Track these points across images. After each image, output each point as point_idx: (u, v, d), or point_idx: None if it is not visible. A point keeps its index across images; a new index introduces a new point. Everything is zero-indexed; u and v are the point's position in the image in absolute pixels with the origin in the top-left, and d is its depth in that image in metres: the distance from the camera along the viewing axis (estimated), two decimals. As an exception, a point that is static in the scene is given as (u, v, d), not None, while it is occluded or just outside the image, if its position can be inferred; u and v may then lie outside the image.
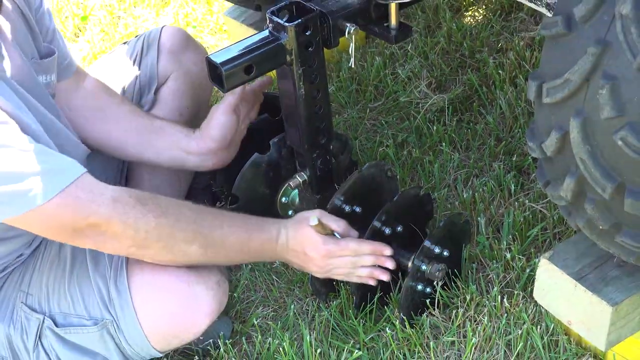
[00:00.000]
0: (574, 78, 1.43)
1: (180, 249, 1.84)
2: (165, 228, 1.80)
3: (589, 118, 1.44)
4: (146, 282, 1.89)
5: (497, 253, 2.08)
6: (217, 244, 1.88)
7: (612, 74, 1.38)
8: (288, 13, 1.88)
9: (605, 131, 1.42)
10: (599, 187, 1.48)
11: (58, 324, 1.89)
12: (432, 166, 2.33)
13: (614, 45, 1.37)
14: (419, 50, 2.67)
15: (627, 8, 1.33)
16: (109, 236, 1.75)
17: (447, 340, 1.93)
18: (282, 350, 1.95)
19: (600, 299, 1.72)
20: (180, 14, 3.14)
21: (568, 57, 1.45)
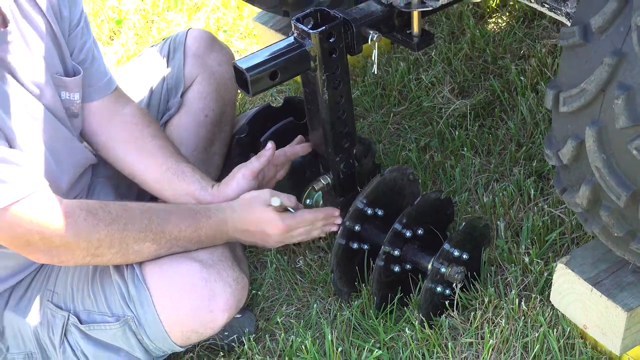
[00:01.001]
0: (590, 88, 1.43)
1: (133, 250, 1.86)
2: (116, 234, 1.82)
3: (604, 127, 1.44)
4: (164, 280, 1.90)
5: (515, 257, 2.08)
6: (169, 237, 1.89)
7: (627, 84, 1.39)
8: (313, 20, 1.88)
9: (621, 140, 1.42)
10: (614, 195, 1.48)
11: (82, 321, 1.91)
12: (453, 170, 2.32)
13: (630, 56, 1.38)
14: (443, 56, 2.67)
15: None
16: (62, 250, 1.77)
17: (465, 342, 1.94)
18: (304, 348, 1.96)
19: (615, 304, 1.71)
20: (211, 18, 3.16)
21: (584, 67, 1.45)
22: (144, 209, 1.91)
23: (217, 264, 1.95)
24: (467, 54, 2.64)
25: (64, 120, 1.97)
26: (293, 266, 2.21)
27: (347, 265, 2.05)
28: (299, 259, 2.23)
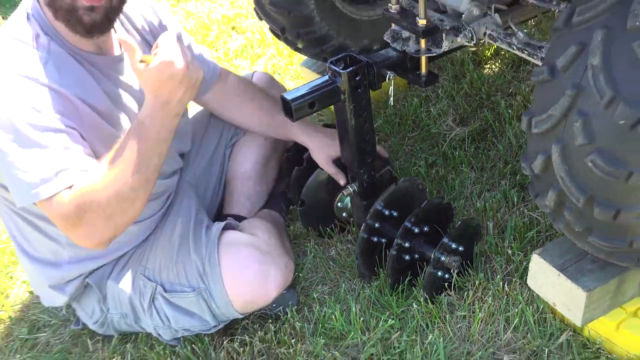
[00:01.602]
0: (556, 113, 1.45)
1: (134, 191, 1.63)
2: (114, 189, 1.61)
3: (566, 145, 1.46)
4: (232, 262, 1.90)
5: (501, 249, 2.07)
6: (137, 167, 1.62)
7: (584, 111, 1.42)
8: (343, 63, 1.90)
9: (579, 155, 1.44)
10: (574, 199, 1.51)
11: (166, 290, 1.92)
12: (454, 182, 2.32)
13: (586, 89, 1.41)
14: (447, 94, 2.66)
15: (597, 60, 1.37)
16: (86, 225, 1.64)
17: (459, 315, 1.94)
18: (334, 318, 1.97)
19: (577, 286, 1.72)
20: (269, 64, 3.19)
21: (551, 97, 1.46)
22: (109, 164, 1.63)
23: (271, 251, 1.98)
24: (466, 92, 2.64)
25: None
26: (327, 255, 2.21)
27: (369, 255, 2.04)
28: (332, 249, 2.22)
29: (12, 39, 1.70)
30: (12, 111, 1.61)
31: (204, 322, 1.95)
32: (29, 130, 1.61)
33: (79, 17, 1.67)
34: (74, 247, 1.87)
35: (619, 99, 1.35)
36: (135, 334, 2.05)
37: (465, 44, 1.96)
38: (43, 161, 1.62)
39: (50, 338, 2.14)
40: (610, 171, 1.42)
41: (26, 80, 1.63)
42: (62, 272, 1.94)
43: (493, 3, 1.95)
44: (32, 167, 1.61)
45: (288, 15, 2.40)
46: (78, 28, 1.69)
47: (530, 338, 1.84)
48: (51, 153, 1.62)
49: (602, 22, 1.38)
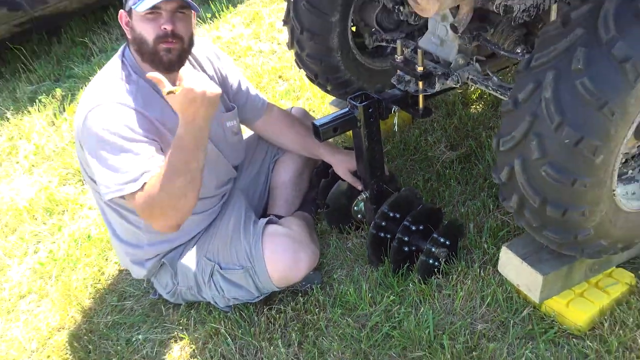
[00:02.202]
0: (517, 135, 1.47)
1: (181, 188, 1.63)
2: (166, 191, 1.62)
3: (525, 159, 1.48)
4: (273, 247, 1.91)
5: (479, 244, 2.07)
6: (186, 165, 1.63)
7: (539, 132, 1.43)
8: (360, 99, 1.94)
9: (535, 167, 1.47)
10: (532, 200, 1.52)
11: (222, 268, 1.94)
12: (444, 193, 2.31)
13: (540, 116, 1.42)
14: (441, 126, 2.66)
15: (548, 94, 1.39)
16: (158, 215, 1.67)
17: (445, 293, 1.94)
18: (349, 294, 1.98)
19: (536, 271, 1.72)
20: (306, 103, 3.19)
21: (514, 123, 1.49)
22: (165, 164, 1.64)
23: (302, 241, 1.98)
24: (456, 126, 2.63)
25: (220, 144, 1.97)
26: (345, 246, 2.21)
27: (376, 246, 2.04)
28: (349, 242, 2.21)
29: (112, 77, 1.78)
30: (110, 127, 1.67)
31: (249, 293, 1.96)
32: (121, 142, 1.66)
33: (160, 58, 1.74)
34: (151, 232, 1.91)
35: (565, 123, 1.38)
36: (198, 302, 2.07)
37: (453, 85, 1.98)
38: (130, 166, 1.66)
39: (133, 305, 2.18)
40: (559, 179, 1.43)
41: (121, 106, 1.70)
42: (142, 252, 1.98)
43: (474, 55, 1.99)
44: (123, 168, 1.66)
45: (320, 64, 2.42)
46: (159, 66, 1.75)
47: (499, 312, 1.84)
48: (136, 160, 1.67)
49: (553, 65, 1.40)
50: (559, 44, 1.41)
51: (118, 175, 1.67)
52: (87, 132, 1.70)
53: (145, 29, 1.72)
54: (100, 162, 1.69)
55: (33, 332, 2.16)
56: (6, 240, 2.64)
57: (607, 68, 1.35)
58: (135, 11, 1.70)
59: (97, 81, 1.80)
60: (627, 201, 1.63)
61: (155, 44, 1.72)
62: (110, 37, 4.11)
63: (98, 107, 1.69)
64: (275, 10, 3.99)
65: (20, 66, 3.91)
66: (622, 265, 1.88)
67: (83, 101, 1.76)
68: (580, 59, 1.36)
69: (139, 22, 1.73)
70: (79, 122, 1.74)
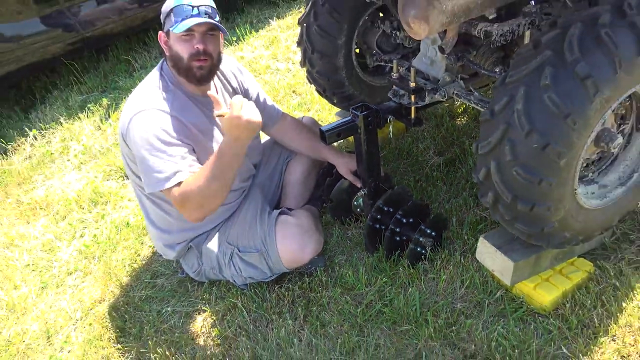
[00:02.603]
0: (493, 140, 1.49)
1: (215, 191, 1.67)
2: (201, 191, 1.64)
3: (500, 161, 1.50)
4: (284, 234, 1.92)
5: (460, 236, 2.06)
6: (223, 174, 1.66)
7: (512, 139, 1.43)
8: (360, 109, 1.94)
9: (508, 168, 1.47)
10: (505, 197, 1.52)
11: (240, 250, 1.95)
12: (431, 192, 2.31)
13: (513, 124, 1.42)
14: (430, 135, 2.63)
15: (520, 106, 1.39)
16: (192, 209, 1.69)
17: (430, 277, 1.93)
18: (348, 276, 1.98)
19: (508, 258, 1.73)
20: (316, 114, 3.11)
21: (491, 130, 1.50)
22: (204, 167, 1.68)
23: (309, 229, 1.97)
24: (443, 135, 2.62)
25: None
26: (345, 235, 2.20)
27: (372, 236, 2.04)
28: (349, 232, 2.20)
29: (152, 87, 1.80)
30: (150, 131, 1.69)
31: (263, 273, 1.96)
32: (158, 144, 1.69)
33: (193, 73, 1.77)
34: (180, 221, 1.92)
35: (534, 131, 1.39)
36: (219, 281, 2.07)
37: (441, 99, 1.98)
38: (167, 165, 1.68)
39: (164, 282, 2.18)
40: (528, 178, 1.44)
41: (160, 112, 1.73)
42: (173, 237, 1.99)
43: (459, 73, 2.00)
44: (160, 168, 1.68)
45: (328, 81, 2.42)
46: (192, 79, 1.78)
47: (476, 293, 1.84)
48: (173, 159, 1.69)
49: (524, 81, 1.41)
50: (530, 63, 1.42)
51: (155, 173, 1.70)
52: (132, 134, 1.73)
53: (181, 48, 1.75)
54: (142, 160, 1.72)
55: (78, 304, 2.18)
56: (57, 226, 2.67)
57: (570, 84, 1.36)
58: (173, 33, 1.74)
59: (139, 90, 1.82)
60: (588, 200, 1.64)
61: (189, 61, 1.76)
62: (149, 56, 4.15)
63: (141, 112, 1.72)
64: (292, 35, 4.01)
65: (73, 79, 3.96)
66: (583, 256, 1.88)
67: (127, 107, 1.79)
68: (548, 76, 1.38)
69: (175, 42, 1.76)
70: (124, 125, 1.76)
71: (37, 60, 3.62)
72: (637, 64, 1.40)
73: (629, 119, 1.70)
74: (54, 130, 3.40)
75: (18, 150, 3.30)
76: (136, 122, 1.71)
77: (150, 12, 3.92)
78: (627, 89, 1.44)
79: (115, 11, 3.76)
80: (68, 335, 2.06)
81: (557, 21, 1.46)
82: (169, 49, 1.80)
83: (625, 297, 1.74)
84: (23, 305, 2.22)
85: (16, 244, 2.58)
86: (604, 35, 1.36)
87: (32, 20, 3.51)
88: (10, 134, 3.45)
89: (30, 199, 2.85)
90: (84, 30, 3.69)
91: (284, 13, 4.29)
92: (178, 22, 1.71)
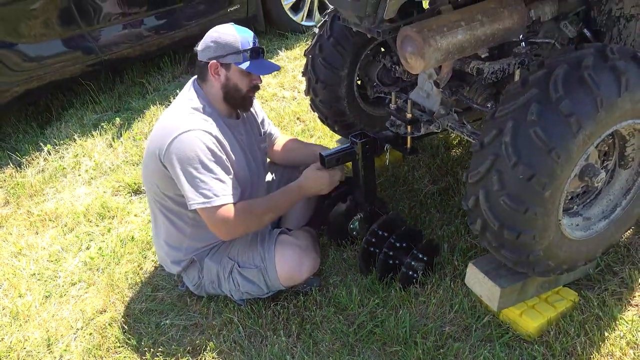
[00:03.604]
0: (482, 170, 1.52)
1: (264, 221, 1.88)
2: (254, 219, 1.83)
3: (488, 190, 1.52)
4: (282, 253, 1.93)
5: (451, 261, 2.07)
6: (277, 211, 1.91)
7: (499, 169, 1.46)
8: (359, 136, 1.98)
9: (495, 196, 1.50)
10: (492, 224, 1.54)
11: (240, 266, 1.95)
12: (425, 218, 2.32)
13: (501, 155, 1.45)
14: (426, 165, 2.65)
15: (508, 139, 1.42)
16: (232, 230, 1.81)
17: (421, 300, 1.94)
18: (342, 296, 1.98)
19: (495, 284, 1.74)
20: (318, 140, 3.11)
21: (480, 160, 1.53)
22: (264, 199, 1.90)
23: (307, 248, 1.99)
24: (438, 165, 2.63)
25: (257, 159, 2.06)
26: (341, 257, 2.20)
27: (367, 258, 2.05)
28: (344, 253, 2.20)
29: (192, 108, 1.86)
30: (198, 150, 1.75)
31: (260, 289, 1.96)
32: (208, 163, 1.75)
33: (247, 103, 1.93)
34: (193, 240, 1.96)
35: (520, 162, 1.42)
36: (217, 296, 2.06)
37: (435, 130, 2.02)
38: (215, 184, 1.76)
39: (164, 295, 2.18)
40: (514, 207, 1.47)
41: (205, 133, 1.78)
42: (181, 253, 2.01)
43: (453, 107, 2.05)
44: (208, 186, 1.75)
45: (330, 109, 2.45)
46: (241, 108, 1.94)
47: (465, 317, 1.85)
48: (219, 180, 1.76)
49: (512, 116, 1.46)
50: (518, 99, 1.47)
51: (204, 191, 1.75)
52: (176, 152, 1.75)
53: (242, 82, 1.87)
54: (187, 178, 1.75)
55: (79, 314, 2.18)
56: (64, 237, 2.68)
57: (555, 120, 1.41)
58: (236, 66, 1.84)
59: (179, 111, 1.85)
60: (572, 231, 1.67)
61: (247, 93, 1.90)
62: (162, 79, 4.23)
63: (188, 132, 1.76)
64: (298, 65, 4.07)
65: (89, 98, 4.03)
66: (568, 285, 1.90)
67: (166, 127, 1.81)
68: (534, 112, 1.42)
69: (236, 75, 1.86)
70: (163, 144, 1.78)
71: (57, 79, 3.70)
72: (617, 104, 1.45)
73: (612, 155, 1.74)
74: (67, 146, 3.45)
75: (32, 164, 3.34)
76: (182, 141, 1.75)
77: (166, 40, 4.02)
78: (609, 127, 1.49)
79: (134, 37, 3.86)
80: (68, 344, 2.06)
81: (545, 62, 1.52)
82: (224, 79, 1.87)
83: (608, 327, 1.75)
84: (26, 313, 2.23)
85: (24, 253, 2.60)
86: (587, 77, 1.41)
87: (54, 42, 3.61)
88: (25, 148, 3.50)
89: (40, 211, 2.88)
90: (102, 54, 3.78)
91: (291, 45, 4.37)
92: (247, 61, 1.82)
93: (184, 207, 1.86)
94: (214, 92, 1.89)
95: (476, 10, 1.65)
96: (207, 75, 1.89)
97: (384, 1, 1.54)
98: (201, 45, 1.87)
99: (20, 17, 3.41)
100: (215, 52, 1.84)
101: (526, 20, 1.72)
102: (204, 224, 1.86)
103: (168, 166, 1.79)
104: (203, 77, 1.90)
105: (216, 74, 1.87)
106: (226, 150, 1.85)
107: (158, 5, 3.88)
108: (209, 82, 1.89)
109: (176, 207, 1.92)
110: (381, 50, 2.42)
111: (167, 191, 1.88)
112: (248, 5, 4.22)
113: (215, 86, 1.89)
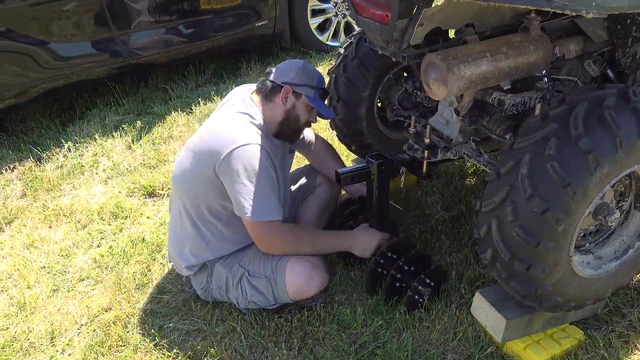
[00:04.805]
0: (496, 200, 1.52)
1: (303, 252, 1.95)
2: (297, 246, 1.93)
3: (501, 220, 1.52)
4: (293, 267, 1.94)
5: (457, 289, 2.06)
6: (318, 250, 1.98)
7: (514, 200, 1.46)
8: (375, 157, 2.00)
9: (508, 227, 1.51)
10: (503, 255, 1.54)
11: (250, 274, 1.96)
12: (435, 244, 2.31)
13: (516, 186, 1.46)
14: (440, 191, 2.66)
15: (525, 171, 1.43)
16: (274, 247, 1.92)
17: (425, 325, 1.93)
18: (346, 314, 1.98)
19: (501, 316, 1.73)
20: None
21: (495, 190, 1.53)
22: (311, 233, 2.01)
23: (317, 266, 1.99)
24: (452, 192, 2.64)
25: (286, 179, 2.09)
26: (348, 276, 2.18)
27: (373, 279, 2.04)
28: (352, 273, 2.19)
29: (252, 124, 1.91)
30: (256, 164, 1.81)
31: (267, 300, 1.96)
32: (264, 177, 1.82)
33: (298, 134, 2.02)
34: (212, 251, 1.99)
35: (535, 195, 1.43)
36: (222, 303, 2.07)
37: (452, 157, 2.04)
38: (269, 199, 1.83)
39: (170, 299, 2.18)
40: (526, 239, 1.47)
41: (263, 149, 1.85)
42: (198, 260, 2.02)
43: (472, 136, 2.07)
44: (264, 201, 1.82)
45: (349, 128, 2.48)
46: (291, 137, 2.00)
47: (468, 347, 1.83)
48: (269, 195, 1.83)
49: (530, 149, 1.47)
50: (537, 133, 1.48)
51: (260, 203, 1.81)
52: (235, 164, 1.80)
53: (304, 115, 1.96)
54: (243, 190, 1.80)
55: (85, 310, 2.19)
56: (77, 233, 2.72)
57: (573, 156, 1.42)
58: (306, 99, 1.93)
59: (235, 121, 1.90)
60: (583, 268, 1.66)
61: (302, 126, 1.99)
62: (186, 87, 4.30)
63: (247, 145, 1.82)
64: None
65: (112, 100, 4.12)
66: (575, 323, 1.88)
67: (223, 135, 1.86)
68: (552, 146, 1.43)
69: (302, 106, 1.95)
70: (220, 153, 1.82)
71: (83, 79, 3.79)
72: (637, 145, 1.46)
73: (628, 196, 1.74)
74: (87, 145, 3.51)
75: (52, 159, 3.41)
76: (242, 153, 1.81)
77: (193, 49, 4.10)
78: (627, 167, 1.49)
79: (162, 43, 3.95)
80: (71, 339, 2.07)
81: (566, 98, 1.54)
82: (290, 106, 1.94)
83: (613, 369, 1.73)
84: (33, 304, 2.25)
85: (36, 245, 2.63)
86: (608, 116, 1.43)
87: (84, 43, 3.70)
88: (47, 143, 3.58)
89: (55, 205, 2.92)
90: (130, 58, 3.87)
91: (315, 63, 4.43)
92: (317, 99, 1.92)
93: (217, 218, 1.92)
94: (274, 114, 1.94)
95: (502, 43, 1.68)
96: (275, 97, 1.94)
97: (411, 27, 1.57)
98: (280, 68, 1.95)
99: (53, 16, 3.52)
100: (294, 79, 1.91)
101: (551, 57, 1.74)
102: (229, 238, 1.94)
103: (223, 175, 1.82)
104: (269, 97, 1.95)
105: (284, 99, 1.93)
106: (275, 167, 1.90)
107: (187, 15, 3.98)
108: (273, 103, 1.95)
109: (210, 216, 1.95)
110: (404, 75, 2.47)
111: (207, 198, 1.90)
112: (276, 21, 4.30)
113: (277, 109, 1.94)
